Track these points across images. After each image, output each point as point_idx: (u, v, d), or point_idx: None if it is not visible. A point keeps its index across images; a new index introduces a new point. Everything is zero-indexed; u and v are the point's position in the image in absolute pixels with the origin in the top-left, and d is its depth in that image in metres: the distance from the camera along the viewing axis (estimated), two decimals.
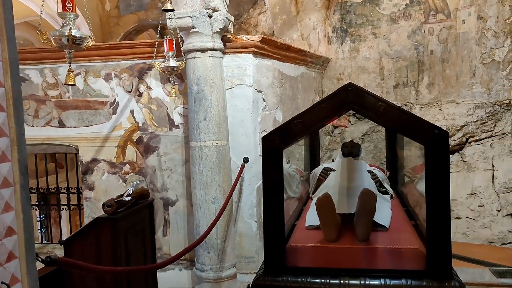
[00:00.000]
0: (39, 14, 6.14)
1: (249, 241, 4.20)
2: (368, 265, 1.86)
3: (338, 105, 1.79)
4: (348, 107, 1.88)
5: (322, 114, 1.80)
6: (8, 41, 1.37)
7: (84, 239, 2.77)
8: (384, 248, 1.92)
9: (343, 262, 1.85)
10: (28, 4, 7.10)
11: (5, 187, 1.32)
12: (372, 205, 1.96)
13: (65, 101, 4.52)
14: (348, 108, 1.90)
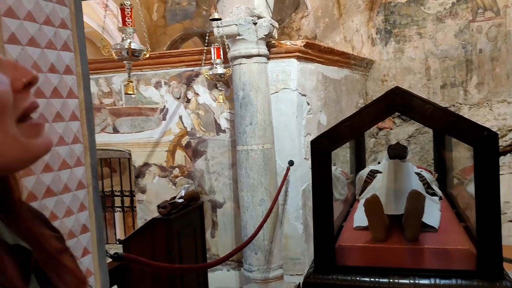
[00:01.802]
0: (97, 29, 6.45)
1: (295, 243, 4.26)
2: (417, 265, 1.88)
3: (385, 109, 1.83)
4: (395, 110, 1.91)
5: (370, 117, 1.85)
6: (81, 56, 1.52)
7: (141, 239, 2.93)
8: (433, 248, 1.94)
9: (391, 261, 1.88)
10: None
11: (80, 189, 1.47)
12: (420, 206, 1.97)
13: (118, 109, 4.76)
14: (395, 111, 1.94)
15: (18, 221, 0.58)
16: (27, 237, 0.58)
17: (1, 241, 0.54)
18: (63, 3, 1.41)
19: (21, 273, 0.54)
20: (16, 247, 0.55)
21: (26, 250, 0.56)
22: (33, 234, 0.59)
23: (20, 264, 0.55)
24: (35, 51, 1.28)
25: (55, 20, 1.37)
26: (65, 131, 1.39)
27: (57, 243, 0.64)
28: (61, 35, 1.39)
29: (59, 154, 1.36)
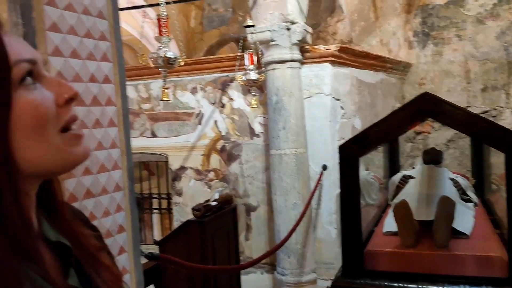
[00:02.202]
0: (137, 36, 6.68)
1: (328, 247, 4.26)
2: (446, 271, 1.86)
3: (414, 114, 1.83)
4: (424, 116, 1.90)
5: (398, 123, 1.85)
6: (119, 66, 1.61)
7: (176, 240, 3.03)
8: (464, 255, 1.91)
9: (420, 267, 1.87)
10: (123, 25, 7.79)
11: (117, 191, 1.56)
12: (450, 212, 1.95)
13: (156, 114, 4.92)
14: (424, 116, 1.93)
15: (61, 220, 0.65)
16: (68, 235, 0.64)
17: (44, 238, 0.61)
18: (103, 17, 1.50)
19: (61, 268, 0.61)
20: (57, 243, 0.62)
21: (66, 246, 0.62)
22: (74, 233, 0.65)
23: (61, 259, 0.61)
24: (77, 63, 1.38)
25: (95, 33, 1.47)
26: (103, 137, 1.48)
27: (96, 242, 0.70)
28: (101, 47, 1.49)
29: (98, 158, 1.45)
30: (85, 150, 0.62)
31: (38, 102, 0.55)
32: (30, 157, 0.55)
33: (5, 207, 0.52)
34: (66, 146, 0.58)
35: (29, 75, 0.56)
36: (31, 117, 0.54)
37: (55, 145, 0.57)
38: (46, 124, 0.56)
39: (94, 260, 0.66)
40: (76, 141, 0.60)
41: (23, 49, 0.57)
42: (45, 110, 0.56)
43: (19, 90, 0.54)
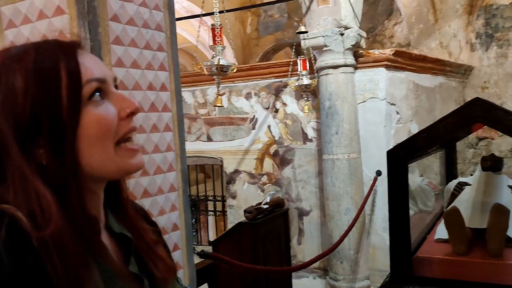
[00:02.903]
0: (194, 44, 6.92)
1: (382, 254, 4.18)
2: (498, 281, 1.80)
3: (464, 120, 1.79)
4: (475, 122, 1.85)
5: (447, 128, 1.82)
6: (175, 75, 1.73)
7: (228, 241, 3.13)
8: None
9: (471, 275, 1.82)
10: (181, 33, 8.10)
11: (171, 191, 1.66)
12: (503, 220, 1.88)
13: (212, 119, 5.08)
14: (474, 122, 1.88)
15: (124, 215, 0.74)
16: (131, 228, 0.74)
17: (110, 230, 0.71)
18: (161, 29, 1.62)
19: (123, 256, 0.70)
20: (120, 235, 0.71)
21: (128, 238, 0.72)
22: (135, 226, 0.75)
23: (123, 249, 0.71)
24: (137, 72, 1.50)
25: (153, 45, 1.59)
26: (160, 141, 1.59)
27: (154, 235, 0.79)
28: (158, 57, 1.61)
29: (154, 161, 1.56)
30: (138, 163, 0.69)
31: (102, 117, 0.63)
32: (92, 163, 0.64)
33: (72, 204, 0.61)
34: (119, 157, 0.66)
35: (98, 92, 0.65)
36: (95, 129, 0.63)
37: (110, 155, 0.65)
38: (107, 136, 0.64)
39: (151, 251, 0.75)
40: (131, 154, 0.68)
41: (95, 68, 0.66)
42: (107, 123, 0.64)
43: (88, 105, 0.63)
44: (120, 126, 0.66)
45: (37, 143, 0.60)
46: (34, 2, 1.34)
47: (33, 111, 0.60)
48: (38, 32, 1.35)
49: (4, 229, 0.53)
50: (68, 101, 0.61)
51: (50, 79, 0.61)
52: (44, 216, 0.56)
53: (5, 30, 1.40)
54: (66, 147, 0.61)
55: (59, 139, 0.60)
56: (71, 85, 0.61)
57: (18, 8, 1.36)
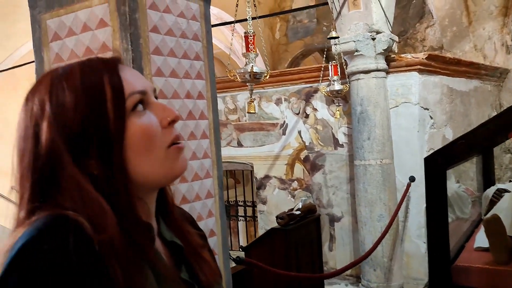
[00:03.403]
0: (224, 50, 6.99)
1: (417, 262, 4.10)
2: None
3: (505, 126, 1.74)
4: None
5: (487, 135, 1.77)
6: (211, 83, 1.76)
7: (261, 247, 3.13)
8: None
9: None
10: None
11: (208, 198, 1.69)
12: None
13: (242, 124, 5.12)
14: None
15: (172, 220, 0.77)
16: (178, 233, 0.76)
17: (162, 237, 0.73)
18: (197, 39, 1.65)
19: (174, 263, 0.73)
20: (172, 243, 0.74)
21: (179, 246, 0.74)
22: (182, 231, 0.78)
23: (174, 256, 0.73)
24: (175, 81, 1.53)
25: (191, 54, 1.62)
26: (197, 148, 1.62)
27: (200, 240, 0.82)
28: (196, 66, 1.64)
29: (192, 168, 1.59)
30: (183, 162, 0.73)
31: (146, 126, 0.67)
32: (139, 171, 0.67)
33: (123, 211, 0.64)
34: (169, 160, 0.70)
35: (140, 103, 0.68)
36: (141, 139, 0.66)
37: (160, 160, 0.68)
38: (152, 144, 0.67)
39: (198, 255, 0.77)
40: (177, 152, 0.71)
41: (136, 81, 0.70)
42: (151, 132, 0.68)
43: (131, 117, 0.67)
44: (164, 135, 0.69)
45: (88, 154, 0.64)
46: (78, 16, 1.39)
47: (83, 124, 0.64)
48: (82, 44, 1.40)
49: (72, 233, 0.56)
50: (114, 114, 0.65)
51: (96, 94, 0.65)
52: (100, 223, 0.60)
53: (51, 42, 1.46)
54: (114, 156, 0.64)
55: (107, 149, 0.64)
56: (116, 98, 0.65)
57: (63, 21, 1.42)
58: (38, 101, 0.65)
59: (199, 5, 1.66)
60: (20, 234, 0.58)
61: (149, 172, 0.67)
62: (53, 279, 0.53)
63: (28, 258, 0.54)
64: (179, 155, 0.71)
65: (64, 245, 0.54)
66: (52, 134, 0.63)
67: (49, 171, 0.63)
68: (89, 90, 0.65)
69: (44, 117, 0.64)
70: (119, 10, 1.33)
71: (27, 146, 0.64)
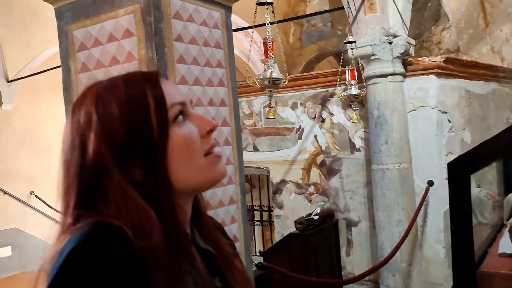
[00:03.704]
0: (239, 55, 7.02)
1: (436, 267, 4.05)
2: None
3: None
4: None
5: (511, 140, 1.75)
6: (233, 90, 1.77)
7: (279, 252, 3.13)
8: None
9: None
10: None
11: (231, 204, 1.70)
12: None
13: (258, 129, 5.13)
14: None
15: (205, 229, 0.79)
16: (210, 241, 0.78)
17: (196, 245, 0.75)
18: (219, 46, 1.67)
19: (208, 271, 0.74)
20: (205, 251, 0.75)
21: (213, 254, 0.76)
22: (215, 240, 0.79)
23: (208, 264, 0.74)
24: (199, 89, 1.55)
25: (213, 62, 1.64)
26: None
27: (230, 249, 0.83)
28: (218, 74, 1.66)
29: None
30: (222, 169, 0.76)
31: (187, 135, 0.70)
32: (181, 177, 0.70)
33: (167, 218, 0.66)
34: (208, 166, 0.73)
35: (180, 114, 0.72)
36: (182, 147, 0.69)
37: (200, 167, 0.72)
38: (193, 152, 0.70)
39: (230, 264, 0.79)
40: (217, 160, 0.75)
41: (176, 93, 0.73)
42: (192, 141, 0.71)
43: (173, 126, 0.70)
44: (203, 143, 0.72)
45: (133, 163, 0.67)
46: (104, 26, 1.42)
47: (128, 134, 0.67)
48: (108, 53, 1.43)
49: (117, 239, 0.59)
50: (157, 124, 0.68)
51: (140, 105, 0.68)
52: (145, 230, 0.62)
53: (77, 52, 1.49)
54: (158, 165, 0.67)
55: (152, 158, 0.67)
56: (158, 109, 0.69)
57: (89, 32, 1.45)
58: (85, 113, 0.68)
59: (220, 13, 1.68)
60: (67, 240, 0.60)
61: (189, 179, 0.70)
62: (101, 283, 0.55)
63: (78, 262, 0.56)
64: (218, 162, 0.74)
65: (111, 251, 0.57)
66: (99, 144, 0.66)
67: (94, 180, 0.65)
68: (134, 102, 0.68)
69: (91, 128, 0.67)
70: (145, 20, 1.35)
71: (73, 156, 0.67)
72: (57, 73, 7.40)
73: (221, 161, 0.75)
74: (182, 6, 1.47)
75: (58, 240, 0.63)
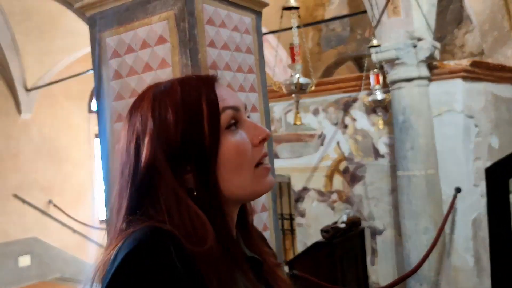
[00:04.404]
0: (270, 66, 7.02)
1: (465, 276, 3.94)
2: None
3: None
4: None
5: None
6: (263, 96, 1.74)
7: (305, 261, 3.07)
8: None
9: None
10: None
11: (263, 211, 1.66)
12: None
13: (279, 136, 5.08)
14: None
15: (250, 238, 0.76)
16: (256, 251, 0.75)
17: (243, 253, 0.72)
18: (250, 52, 1.64)
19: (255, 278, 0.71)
20: (251, 258, 0.73)
21: (259, 261, 0.73)
22: (259, 249, 0.77)
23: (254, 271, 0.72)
24: None
25: (244, 67, 1.61)
26: None
27: (273, 259, 0.81)
28: (249, 79, 1.63)
29: None
30: (271, 181, 0.73)
31: (238, 144, 0.68)
32: (229, 186, 0.68)
33: (218, 224, 0.65)
34: (257, 178, 0.70)
35: (234, 120, 0.69)
36: (233, 156, 0.67)
37: (250, 179, 0.69)
38: (244, 162, 0.68)
39: (274, 273, 0.77)
40: (266, 172, 0.72)
41: (229, 98, 0.71)
42: (244, 151, 0.69)
43: (226, 134, 0.68)
44: (255, 152, 0.70)
45: (186, 169, 0.66)
46: (137, 33, 1.40)
47: (182, 140, 0.66)
48: (141, 60, 1.41)
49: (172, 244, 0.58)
50: (209, 129, 0.66)
51: (194, 110, 0.67)
52: (198, 234, 0.61)
53: (110, 59, 1.47)
54: (209, 171, 0.66)
55: (203, 164, 0.66)
56: (211, 115, 0.67)
57: (122, 39, 1.44)
58: (141, 117, 0.68)
59: (251, 18, 1.65)
60: (120, 245, 0.60)
61: (238, 188, 0.68)
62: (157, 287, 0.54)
63: (132, 269, 0.55)
64: (267, 174, 0.72)
65: (165, 256, 0.56)
66: (154, 149, 0.65)
67: (146, 184, 0.65)
68: (188, 107, 0.67)
69: (146, 132, 0.66)
70: (179, 26, 1.33)
71: (128, 159, 0.67)
72: (74, 82, 7.47)
73: (270, 173, 0.72)
74: (215, 12, 1.45)
75: (110, 245, 0.63)
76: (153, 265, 0.55)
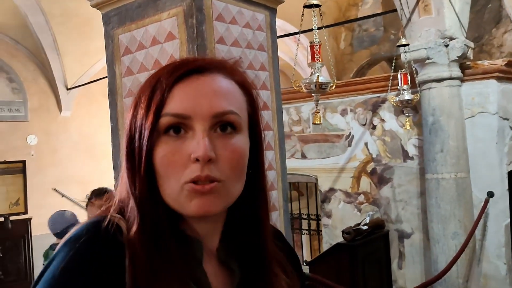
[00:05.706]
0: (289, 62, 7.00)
1: (496, 285, 3.78)
2: None
3: None
4: None
5: None
6: (276, 94, 1.73)
7: (325, 262, 3.03)
8: None
9: None
10: None
11: (273, 211, 1.65)
12: None
13: (306, 136, 5.04)
14: None
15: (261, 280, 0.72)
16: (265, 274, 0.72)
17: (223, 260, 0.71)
18: (263, 49, 1.64)
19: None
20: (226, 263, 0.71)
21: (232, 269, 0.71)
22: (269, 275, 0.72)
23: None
24: None
25: (256, 64, 1.60)
26: None
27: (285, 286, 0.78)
28: (261, 77, 1.62)
29: None
30: (197, 206, 0.63)
31: (164, 154, 0.63)
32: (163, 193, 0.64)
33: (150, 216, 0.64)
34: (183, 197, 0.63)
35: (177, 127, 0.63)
36: (160, 164, 0.63)
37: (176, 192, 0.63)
38: (170, 173, 0.63)
39: None
40: (191, 194, 0.62)
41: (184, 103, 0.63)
42: (167, 162, 0.62)
43: (162, 138, 0.63)
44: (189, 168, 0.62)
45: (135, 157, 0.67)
46: (148, 30, 1.42)
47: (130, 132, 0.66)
48: (151, 57, 1.43)
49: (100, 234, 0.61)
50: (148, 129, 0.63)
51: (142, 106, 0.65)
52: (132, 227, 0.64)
53: (122, 56, 1.50)
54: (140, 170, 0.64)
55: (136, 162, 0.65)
56: (154, 114, 0.63)
57: (134, 36, 1.46)
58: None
59: (265, 15, 1.64)
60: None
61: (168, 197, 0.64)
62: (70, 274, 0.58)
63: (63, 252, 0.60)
64: (192, 197, 0.62)
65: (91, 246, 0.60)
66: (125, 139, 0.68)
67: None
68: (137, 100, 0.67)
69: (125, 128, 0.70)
70: (187, 22, 1.34)
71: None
72: None
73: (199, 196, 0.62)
74: (225, 8, 1.45)
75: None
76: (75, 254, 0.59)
